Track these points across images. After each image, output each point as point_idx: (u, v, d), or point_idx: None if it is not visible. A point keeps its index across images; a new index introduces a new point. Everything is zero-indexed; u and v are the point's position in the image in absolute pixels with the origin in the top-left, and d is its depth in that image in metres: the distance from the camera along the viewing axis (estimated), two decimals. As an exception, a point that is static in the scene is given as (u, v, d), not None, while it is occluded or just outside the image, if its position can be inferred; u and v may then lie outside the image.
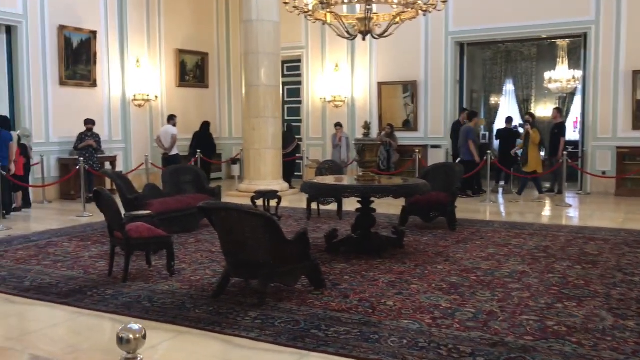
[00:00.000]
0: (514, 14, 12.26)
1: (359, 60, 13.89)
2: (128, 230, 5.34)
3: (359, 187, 6.07)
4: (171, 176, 8.34)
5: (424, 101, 13.36)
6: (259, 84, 11.41)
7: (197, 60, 14.82)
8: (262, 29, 11.35)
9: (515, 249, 6.66)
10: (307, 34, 14.36)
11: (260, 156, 11.57)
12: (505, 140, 12.32)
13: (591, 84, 11.87)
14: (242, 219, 4.42)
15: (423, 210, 7.95)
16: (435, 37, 13.09)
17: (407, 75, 13.44)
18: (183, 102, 14.41)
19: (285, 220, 8.66)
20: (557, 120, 12.15)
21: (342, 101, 13.99)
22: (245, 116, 11.81)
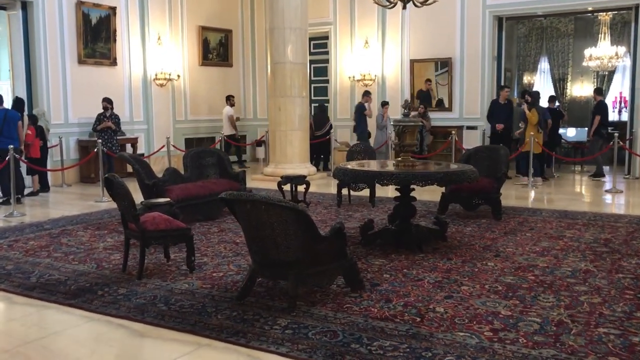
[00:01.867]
0: (558, -16, 11.39)
1: (390, 36, 13.15)
2: (143, 222, 4.80)
3: (400, 173, 5.43)
4: (192, 160, 7.79)
5: (459, 79, 12.60)
6: (285, 61, 10.77)
7: (221, 38, 14.22)
8: (288, 2, 10.68)
9: (572, 242, 5.98)
10: (335, 8, 13.64)
11: (286, 138, 10.98)
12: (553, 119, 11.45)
13: (643, 60, 11.00)
14: (271, 212, 3.83)
15: (465, 198, 7.28)
16: (471, 10, 12.28)
17: (441, 52, 12.67)
18: (206, 81, 13.86)
19: (314, 207, 8.09)
20: (597, 100, 11.41)
21: (371, 80, 13.29)
22: (270, 95, 11.21)
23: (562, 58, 19.19)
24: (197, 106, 13.64)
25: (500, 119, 10.94)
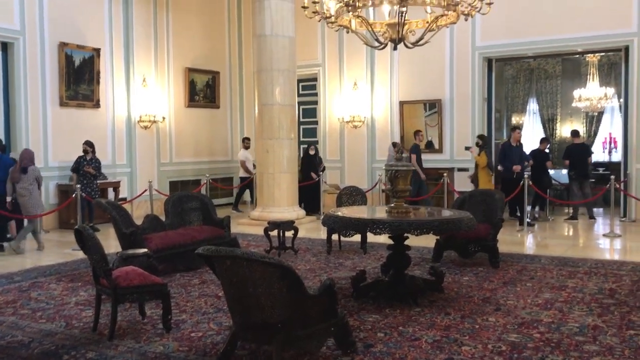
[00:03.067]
0: (546, 27, 11.33)
1: (379, 77, 13.02)
2: (116, 277, 4.41)
3: (393, 221, 5.11)
4: (174, 205, 7.42)
5: (449, 121, 12.42)
6: (273, 103, 10.55)
7: (208, 79, 14.02)
8: (276, 44, 10.52)
9: (575, 292, 5.64)
10: (324, 50, 13.53)
11: (274, 180, 10.66)
12: (539, 162, 11.30)
13: (634, 101, 10.87)
14: (253, 269, 3.48)
15: (460, 245, 6.95)
16: (461, 52, 12.19)
17: (430, 93, 12.53)
18: (192, 123, 13.59)
19: (302, 255, 7.72)
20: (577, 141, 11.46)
21: (361, 121, 13.09)
22: (258, 137, 10.94)
23: (551, 99, 19.23)
24: (182, 148, 13.34)
25: (515, 161, 10.62)
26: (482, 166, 10.76)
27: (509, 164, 10.57)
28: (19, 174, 8.30)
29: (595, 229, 10.04)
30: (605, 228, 9.81)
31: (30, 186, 8.38)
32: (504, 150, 10.83)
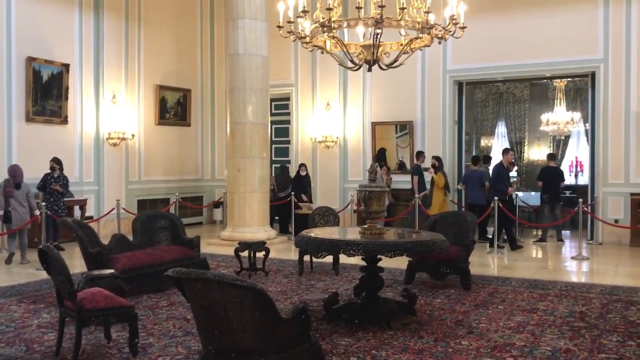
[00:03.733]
0: (516, 52, 11.57)
1: (352, 98, 13.08)
2: (81, 299, 4.26)
3: (367, 243, 5.06)
4: (143, 224, 7.25)
5: (420, 142, 12.52)
6: (245, 122, 10.48)
7: (179, 97, 13.88)
8: (249, 63, 10.49)
9: (547, 315, 5.65)
10: (297, 70, 13.56)
11: (245, 200, 10.55)
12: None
13: (600, 126, 11.11)
14: (224, 292, 3.37)
15: (433, 266, 6.94)
16: (432, 75, 12.34)
17: (402, 115, 12.63)
18: (163, 141, 13.41)
19: (273, 276, 7.61)
20: (552, 164, 11.57)
21: (333, 141, 13.10)
22: (229, 156, 10.83)
23: (519, 122, 19.59)
24: (151, 166, 13.13)
25: (508, 182, 10.69)
26: (440, 187, 10.97)
27: (503, 186, 10.49)
28: (13, 189, 8.67)
29: (564, 252, 10.16)
30: (573, 251, 9.94)
31: (24, 201, 8.77)
32: (498, 172, 10.66)
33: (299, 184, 12.22)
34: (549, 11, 11.30)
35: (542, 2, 11.34)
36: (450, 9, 5.39)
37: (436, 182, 11.01)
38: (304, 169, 12.41)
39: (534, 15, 11.43)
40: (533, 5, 11.42)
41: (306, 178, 12.43)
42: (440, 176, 11.03)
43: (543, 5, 11.34)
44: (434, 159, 11.35)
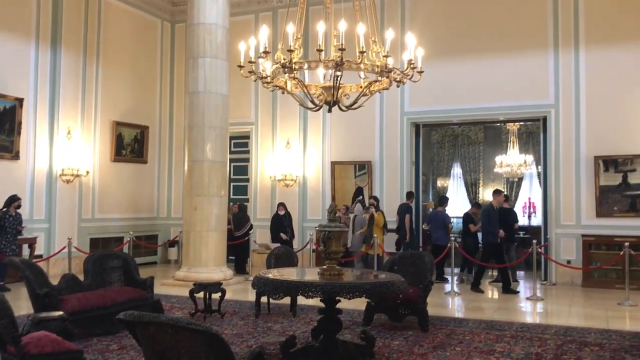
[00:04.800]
0: (471, 96, 11.91)
1: (312, 137, 13.17)
2: (25, 343, 4.05)
3: (326, 284, 5.00)
4: (94, 264, 7.01)
5: (379, 182, 12.64)
6: (204, 160, 10.38)
7: (136, 134, 13.70)
8: (209, 101, 10.46)
9: (503, 357, 5.66)
10: (257, 109, 13.62)
11: (201, 239, 10.36)
12: (467, 225, 11.60)
13: (552, 168, 11.44)
14: (179, 337, 3.25)
15: (391, 307, 6.91)
16: (390, 117, 12.57)
17: (361, 155, 12.77)
18: (118, 178, 13.15)
19: (229, 318, 7.43)
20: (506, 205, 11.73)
21: (293, 180, 13.09)
22: (186, 194, 10.68)
23: (474, 164, 20.03)
24: (106, 204, 12.82)
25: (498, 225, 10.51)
26: (379, 226, 11.12)
27: (493, 228, 10.32)
28: None
29: (519, 292, 10.27)
30: (528, 291, 10.08)
31: None
32: (489, 214, 10.41)
33: (277, 224, 12.08)
34: (502, 57, 11.71)
35: (495, 48, 11.76)
36: (408, 53, 5.51)
37: (376, 221, 11.11)
38: (282, 207, 12.24)
39: (488, 61, 11.82)
40: (487, 52, 11.83)
41: (285, 217, 12.21)
42: (380, 215, 11.18)
43: (496, 51, 11.75)
44: (372, 198, 11.56)
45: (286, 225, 12.15)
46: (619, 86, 10.90)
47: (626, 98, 10.85)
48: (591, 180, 11.05)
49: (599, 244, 10.94)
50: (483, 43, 11.86)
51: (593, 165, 11.01)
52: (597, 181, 11.00)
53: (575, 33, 11.22)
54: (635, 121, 10.77)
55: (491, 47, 11.80)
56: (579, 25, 11.21)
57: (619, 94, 10.90)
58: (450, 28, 12.05)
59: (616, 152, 10.88)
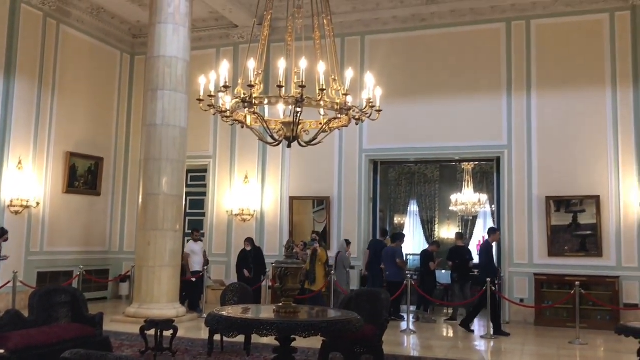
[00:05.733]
0: (427, 135, 12.15)
1: (271, 173, 13.14)
2: (-39, 384, 3.81)
3: (281, 322, 4.92)
4: (41, 300, 6.72)
5: (337, 218, 12.66)
6: (159, 193, 10.19)
7: (90, 165, 13.39)
8: (166, 133, 10.34)
9: (459, 397, 5.64)
10: (216, 142, 13.54)
11: (154, 275, 10.08)
12: (426, 262, 11.69)
13: (505, 208, 11.69)
14: (127, 377, 3.13)
15: (347, 346, 6.79)
16: (349, 153, 12.68)
17: (320, 190, 12.80)
18: (70, 210, 12.77)
19: (180, 357, 7.22)
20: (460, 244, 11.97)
21: (250, 215, 12.98)
22: (140, 228, 10.42)
23: (430, 202, 20.31)
24: (56, 237, 12.40)
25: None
26: (322, 262, 11.06)
27: (494, 266, 10.22)
28: None
29: (473, 331, 10.33)
30: (482, 329, 10.14)
31: None
32: (488, 251, 10.28)
33: (241, 260, 11.81)
34: (457, 99, 12.02)
35: (451, 90, 12.08)
36: (367, 92, 5.60)
37: (319, 257, 11.05)
38: (248, 243, 11.83)
39: (444, 101, 12.12)
40: (443, 93, 12.13)
41: (252, 252, 11.81)
42: (323, 251, 11.14)
43: (452, 93, 12.07)
44: (314, 233, 11.55)
45: (251, 261, 11.78)
46: (569, 129, 11.32)
47: (576, 141, 11.26)
48: (543, 220, 11.33)
49: (551, 283, 11.17)
50: (439, 84, 12.18)
51: (545, 205, 11.30)
52: (549, 221, 11.28)
53: (528, 77, 11.65)
54: (585, 163, 11.16)
55: (447, 89, 12.11)
56: (531, 70, 11.65)
57: (569, 136, 11.30)
58: (408, 69, 12.34)
59: (567, 193, 11.21)
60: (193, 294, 11.63)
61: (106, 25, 13.62)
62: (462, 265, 11.47)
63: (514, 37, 11.82)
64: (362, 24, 12.73)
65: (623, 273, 10.76)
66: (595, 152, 11.13)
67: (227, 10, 12.49)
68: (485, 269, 10.12)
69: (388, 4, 12.38)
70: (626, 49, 11.11)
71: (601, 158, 11.09)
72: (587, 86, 11.29)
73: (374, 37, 12.73)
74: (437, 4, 12.06)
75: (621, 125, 11.02)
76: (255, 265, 11.71)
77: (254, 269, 11.66)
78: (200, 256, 11.82)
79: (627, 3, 11.11)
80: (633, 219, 10.81)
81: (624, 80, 11.07)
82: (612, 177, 11.00)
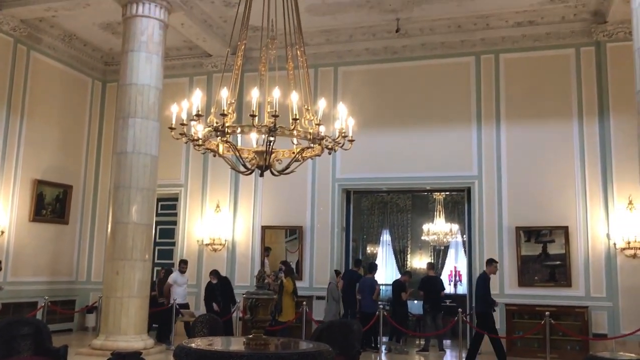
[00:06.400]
0: (399, 165, 12.24)
1: (243, 202, 13.05)
2: None
3: (252, 354, 4.82)
4: (1, 332, 6.51)
5: (309, 248, 12.60)
6: (129, 222, 10.01)
7: (59, 193, 13.12)
8: (137, 162, 10.20)
9: None
10: (187, 171, 13.42)
11: (122, 305, 9.83)
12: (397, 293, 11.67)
13: (476, 238, 11.78)
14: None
15: (318, 378, 6.71)
16: (322, 182, 12.70)
17: (292, 220, 12.75)
18: (36, 239, 12.44)
19: (148, 390, 7.01)
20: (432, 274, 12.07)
21: (221, 244, 12.83)
22: (108, 258, 10.19)
23: (402, 231, 20.39)
24: (20, 266, 12.04)
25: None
26: (288, 292, 11.01)
27: (490, 298, 10.00)
28: None
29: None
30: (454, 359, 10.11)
31: None
32: (486, 283, 10.02)
33: (208, 293, 11.56)
34: (429, 129, 12.19)
35: (423, 121, 12.24)
36: (339, 122, 5.63)
37: (285, 287, 10.97)
38: (214, 276, 11.57)
39: (415, 132, 12.26)
40: (415, 123, 12.29)
41: (219, 285, 11.54)
42: (289, 281, 11.06)
43: (424, 123, 12.23)
44: (281, 263, 11.49)
45: (218, 294, 11.55)
46: (537, 160, 11.53)
47: (544, 172, 11.46)
48: (513, 250, 11.43)
49: (522, 313, 11.22)
50: (411, 115, 12.34)
51: (515, 235, 11.42)
52: (519, 251, 11.39)
53: (497, 109, 11.88)
54: (553, 194, 11.35)
55: (419, 119, 12.27)
56: (500, 102, 11.89)
57: (537, 167, 11.50)
58: (381, 100, 12.48)
59: (536, 223, 11.36)
60: (163, 325, 11.39)
61: (78, 52, 13.52)
62: (434, 295, 11.48)
63: (483, 70, 12.09)
64: (336, 55, 12.89)
65: (592, 303, 10.88)
66: (563, 183, 11.34)
67: (201, 39, 12.53)
68: (482, 301, 9.92)
69: (361, 37, 12.58)
70: (591, 83, 11.44)
71: (569, 189, 11.30)
72: (555, 118, 11.56)
73: (347, 68, 12.89)
74: (408, 37, 12.30)
75: (587, 157, 11.28)
76: (224, 297, 11.50)
77: (222, 301, 11.45)
78: (183, 288, 11.67)
79: (592, 39, 11.47)
80: (600, 249, 10.98)
81: (589, 112, 11.36)
82: (580, 208, 11.21)
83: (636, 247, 10.43)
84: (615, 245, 10.76)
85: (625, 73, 9.80)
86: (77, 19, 12.21)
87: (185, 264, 12.07)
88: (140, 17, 10.37)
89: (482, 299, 9.93)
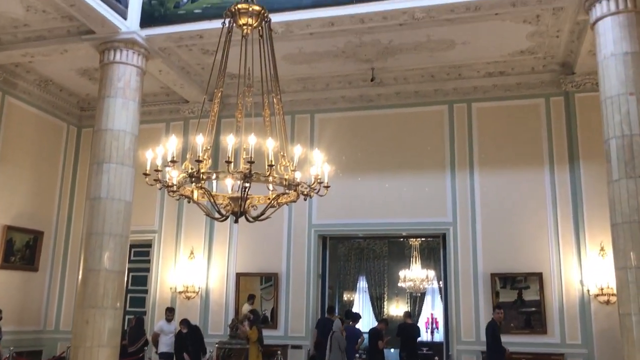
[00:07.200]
0: (375, 211, 12.27)
1: (217, 248, 12.91)
2: None
3: (224, 407, 4.69)
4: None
5: (285, 295, 12.44)
6: (100, 269, 9.77)
7: (29, 239, 12.83)
8: (110, 207, 10.04)
9: None
10: (162, 217, 13.27)
11: (91, 356, 9.48)
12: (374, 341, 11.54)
13: (452, 285, 11.75)
14: None
15: None
16: (298, 228, 12.64)
17: (267, 266, 12.62)
18: (3, 287, 12.07)
19: None
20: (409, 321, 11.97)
21: (195, 292, 12.59)
22: (78, 306, 9.89)
23: (379, 278, 20.35)
24: (-15, 315, 11.66)
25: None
26: (253, 340, 10.61)
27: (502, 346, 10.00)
28: None
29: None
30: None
31: None
32: (495, 331, 10.15)
33: (178, 344, 11.25)
34: (404, 176, 12.28)
35: (397, 167, 12.35)
36: (315, 168, 5.67)
37: (249, 336, 10.54)
38: (185, 325, 11.30)
39: (391, 178, 12.35)
40: (390, 170, 12.39)
41: (190, 334, 11.27)
42: (254, 330, 10.72)
43: (399, 170, 12.34)
44: (249, 312, 11.24)
45: (189, 344, 11.26)
46: (510, 207, 11.65)
47: (518, 219, 11.57)
48: (489, 297, 11.41)
49: (498, 361, 11.12)
50: (386, 162, 12.45)
51: (490, 282, 11.44)
52: (494, 298, 11.38)
53: (470, 156, 12.06)
54: (527, 240, 11.45)
55: (394, 166, 12.38)
56: (473, 149, 12.08)
57: (511, 214, 11.62)
58: (356, 146, 12.61)
59: (511, 270, 11.40)
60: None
61: (54, 97, 13.48)
62: (410, 343, 11.38)
63: (456, 118, 12.32)
64: (312, 102, 13.06)
65: (567, 350, 10.85)
66: (536, 229, 11.45)
67: (179, 85, 12.61)
68: (492, 349, 9.93)
69: (337, 85, 12.79)
70: (561, 132, 11.71)
71: (542, 235, 11.41)
72: (526, 166, 11.76)
73: (323, 115, 13.05)
74: (383, 86, 12.54)
75: (559, 204, 11.44)
76: (194, 347, 11.23)
77: (192, 351, 11.18)
78: (170, 337, 11.42)
79: (560, 89, 11.82)
80: (575, 296, 11.03)
81: (560, 160, 11.59)
82: (553, 254, 11.30)
83: (609, 293, 10.49)
84: (589, 292, 10.82)
85: (594, 122, 10.07)
86: (54, 64, 12.22)
87: (172, 312, 11.87)
88: (118, 64, 10.40)
89: (490, 348, 10.04)
